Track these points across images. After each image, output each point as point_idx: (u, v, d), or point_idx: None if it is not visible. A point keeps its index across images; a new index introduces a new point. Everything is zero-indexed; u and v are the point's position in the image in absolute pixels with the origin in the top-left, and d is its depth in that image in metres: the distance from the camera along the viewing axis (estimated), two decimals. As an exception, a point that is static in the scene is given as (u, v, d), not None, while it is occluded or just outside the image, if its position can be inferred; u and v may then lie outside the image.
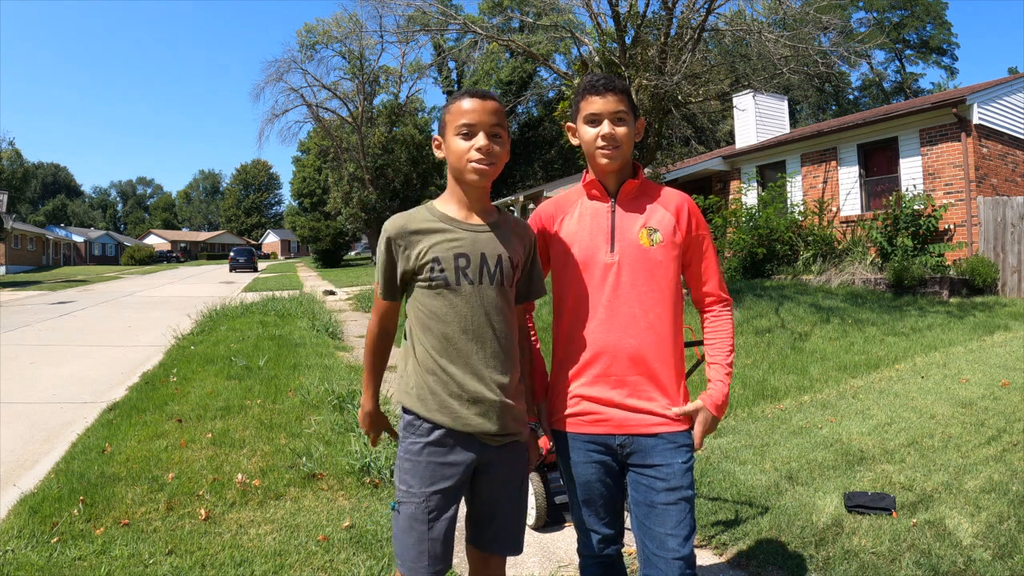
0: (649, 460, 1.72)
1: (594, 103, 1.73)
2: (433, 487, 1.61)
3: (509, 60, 39.97)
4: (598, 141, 1.74)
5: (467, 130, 1.61)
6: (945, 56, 48.30)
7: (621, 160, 1.76)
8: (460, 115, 1.61)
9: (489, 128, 1.61)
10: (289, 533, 3.00)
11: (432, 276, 1.60)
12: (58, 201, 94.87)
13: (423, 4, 13.01)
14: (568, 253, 1.81)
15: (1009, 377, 5.35)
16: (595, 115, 1.74)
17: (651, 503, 1.71)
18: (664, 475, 1.70)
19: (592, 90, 1.74)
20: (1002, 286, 10.61)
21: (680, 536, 1.67)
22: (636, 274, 1.75)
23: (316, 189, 51.14)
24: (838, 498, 3.22)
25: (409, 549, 1.60)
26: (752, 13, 12.13)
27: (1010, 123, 12.12)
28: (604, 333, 1.75)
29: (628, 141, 1.75)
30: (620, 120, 1.73)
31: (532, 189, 29.62)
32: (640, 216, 1.78)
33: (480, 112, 1.60)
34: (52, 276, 32.40)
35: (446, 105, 1.67)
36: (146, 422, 4.73)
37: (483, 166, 1.61)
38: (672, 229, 1.77)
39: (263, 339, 8.32)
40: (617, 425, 1.74)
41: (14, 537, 2.92)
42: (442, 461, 1.62)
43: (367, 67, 32.93)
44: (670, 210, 1.79)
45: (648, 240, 1.76)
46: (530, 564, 2.84)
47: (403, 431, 1.68)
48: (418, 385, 1.64)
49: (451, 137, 1.63)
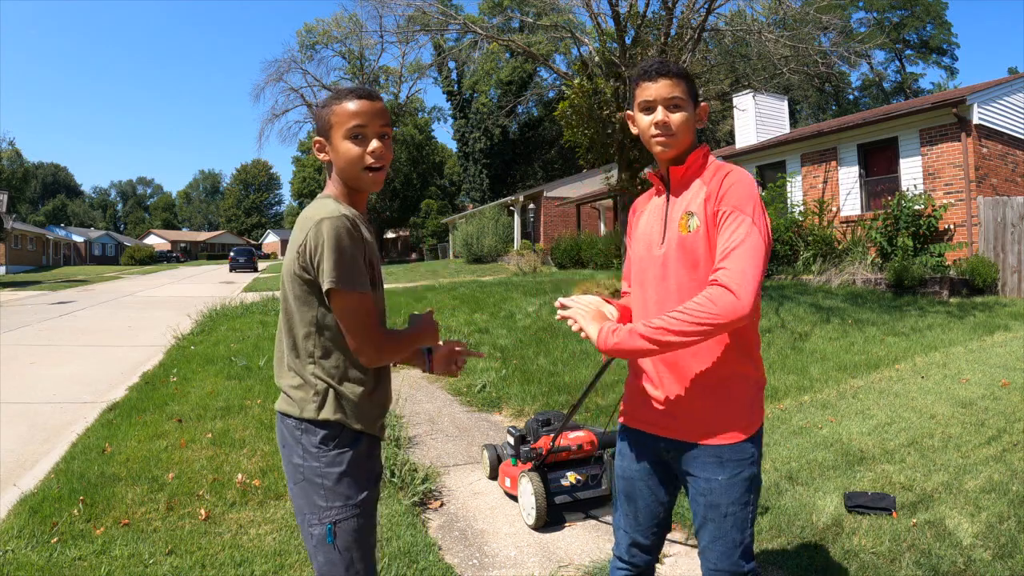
0: (691, 470, 1.65)
1: (647, 89, 1.63)
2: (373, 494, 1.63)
3: (509, 60, 39.98)
4: (652, 129, 1.64)
5: (359, 132, 1.52)
6: (945, 56, 48.34)
7: (678, 147, 1.65)
8: (349, 117, 1.51)
9: (380, 129, 1.54)
10: (289, 533, 3.00)
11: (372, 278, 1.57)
12: (58, 201, 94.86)
13: (423, 4, 13.02)
14: (634, 248, 1.79)
15: (1009, 377, 5.35)
16: (649, 102, 1.63)
17: (695, 512, 1.67)
18: (703, 490, 1.62)
19: (645, 76, 1.64)
20: (1002, 286, 10.61)
21: (716, 551, 1.64)
22: (679, 267, 1.62)
23: (316, 189, 51.15)
24: (838, 498, 3.21)
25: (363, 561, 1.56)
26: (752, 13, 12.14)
27: (1010, 123, 12.12)
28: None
29: (685, 127, 1.63)
30: (675, 106, 1.62)
31: (532, 189, 29.63)
32: (685, 202, 1.64)
33: (371, 114, 1.53)
34: (52, 276, 32.40)
35: (328, 104, 1.56)
36: (146, 422, 4.73)
37: (377, 171, 1.55)
38: (704, 209, 1.58)
39: (263, 339, 8.32)
40: (662, 428, 1.69)
41: (14, 537, 2.92)
42: (372, 468, 1.63)
43: (367, 67, 32.97)
44: (708, 186, 1.60)
45: (686, 227, 1.61)
46: (530, 564, 2.84)
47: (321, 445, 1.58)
48: (332, 394, 1.61)
49: (340, 140, 1.53)
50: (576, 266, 19.78)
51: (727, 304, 1.42)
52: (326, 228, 1.44)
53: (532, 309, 9.71)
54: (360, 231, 1.50)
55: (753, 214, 1.51)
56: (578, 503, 3.33)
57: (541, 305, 10.03)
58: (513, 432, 3.60)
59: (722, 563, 1.63)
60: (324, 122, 1.55)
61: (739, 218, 1.50)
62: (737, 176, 1.58)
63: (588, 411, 4.82)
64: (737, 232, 1.49)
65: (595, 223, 25.38)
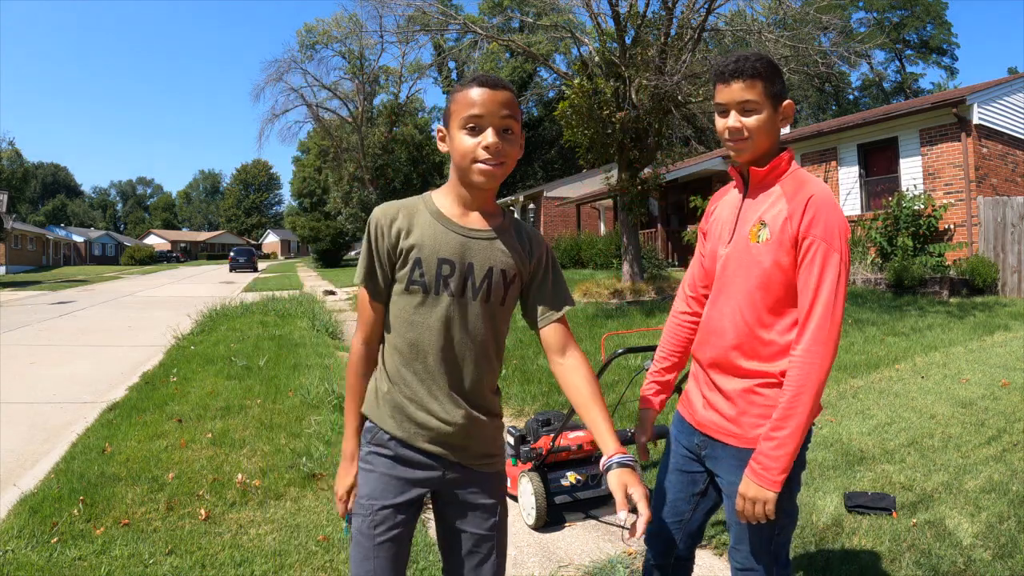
0: (718, 470, 1.65)
1: (720, 92, 1.59)
2: (383, 500, 1.46)
3: (509, 60, 40.01)
4: (724, 134, 1.61)
5: (474, 124, 1.38)
6: (945, 56, 48.35)
7: (752, 151, 1.61)
8: (467, 106, 1.38)
9: (500, 122, 1.39)
10: (289, 533, 3.00)
11: (411, 279, 1.43)
12: (58, 201, 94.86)
13: (423, 4, 13.02)
14: (709, 242, 1.78)
15: (1009, 377, 5.35)
16: (722, 105, 1.60)
17: (727, 512, 1.67)
18: (729, 492, 1.62)
19: (719, 78, 1.59)
20: (1002, 286, 10.60)
21: (742, 551, 1.64)
22: (738, 272, 1.61)
23: (316, 189, 51.20)
24: (838, 498, 3.21)
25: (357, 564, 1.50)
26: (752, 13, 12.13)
27: (1010, 123, 12.11)
28: (704, 328, 1.72)
29: (761, 130, 1.57)
30: (749, 110, 1.56)
31: (532, 189, 29.63)
32: (760, 208, 1.61)
33: (490, 103, 1.37)
34: (52, 276, 32.40)
35: (452, 93, 1.45)
36: (146, 422, 4.73)
37: (490, 167, 1.39)
38: (782, 227, 1.53)
39: (263, 339, 8.32)
40: (698, 422, 1.70)
41: (14, 537, 2.92)
42: (397, 475, 1.47)
43: (367, 67, 32.93)
44: (790, 203, 1.55)
45: (755, 237, 1.58)
46: (530, 564, 2.84)
47: (362, 436, 1.55)
48: (378, 390, 1.50)
49: (456, 131, 1.41)
50: (576, 266, 19.78)
51: (823, 363, 1.46)
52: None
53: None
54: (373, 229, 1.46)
55: (840, 246, 1.49)
56: (578, 503, 3.33)
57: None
58: (513, 432, 3.60)
59: (748, 562, 1.64)
60: (446, 110, 1.46)
61: (818, 250, 1.48)
62: (823, 198, 1.53)
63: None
64: (813, 264, 1.48)
65: (595, 223, 25.38)
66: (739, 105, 1.56)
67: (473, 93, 1.38)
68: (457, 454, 1.47)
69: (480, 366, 1.47)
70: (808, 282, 1.49)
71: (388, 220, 1.45)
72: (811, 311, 1.48)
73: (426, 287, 1.43)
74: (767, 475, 1.48)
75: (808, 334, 1.47)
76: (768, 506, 1.49)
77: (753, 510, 1.51)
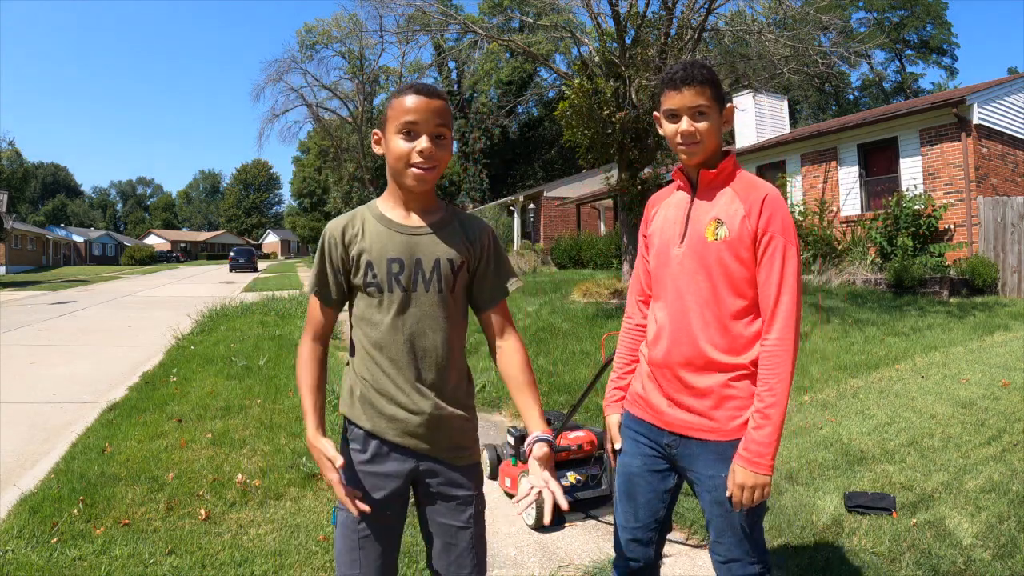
0: (695, 466, 1.67)
1: (672, 98, 1.64)
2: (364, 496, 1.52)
3: (509, 60, 40.00)
4: (677, 138, 1.67)
5: (410, 129, 1.48)
6: (945, 56, 48.34)
7: (703, 154, 1.67)
8: (404, 112, 1.47)
9: (434, 129, 1.48)
10: (289, 533, 3.00)
11: (367, 281, 1.53)
12: (58, 201, 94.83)
13: (423, 4, 13.02)
14: (654, 245, 1.80)
15: (1009, 377, 5.35)
16: (673, 111, 1.66)
17: (703, 509, 1.71)
18: (708, 487, 1.66)
19: (670, 84, 1.65)
20: (1002, 286, 10.60)
21: (724, 543, 1.66)
22: (698, 270, 1.65)
23: (316, 189, 51.14)
24: (838, 498, 3.21)
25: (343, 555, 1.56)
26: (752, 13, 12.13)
27: (1010, 123, 12.11)
28: (666, 328, 1.72)
29: (711, 134, 1.65)
30: (700, 115, 1.63)
31: (532, 189, 29.63)
32: (714, 208, 1.66)
33: (425, 111, 1.47)
34: (52, 276, 32.40)
35: (389, 99, 1.54)
36: (146, 422, 4.73)
37: (422, 170, 1.49)
38: (740, 223, 1.60)
39: (263, 339, 8.32)
40: (666, 422, 1.71)
41: (14, 537, 2.92)
42: (374, 470, 1.54)
43: (367, 67, 32.91)
44: (745, 203, 1.62)
45: (712, 234, 1.64)
46: (530, 564, 2.84)
47: (342, 436, 1.63)
48: (352, 390, 1.58)
49: (392, 135, 1.50)
50: (576, 266, 19.77)
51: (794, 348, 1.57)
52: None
53: (532, 309, 9.70)
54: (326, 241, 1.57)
55: (795, 240, 1.61)
56: (578, 503, 3.33)
57: (541, 305, 10.03)
58: (513, 432, 3.60)
59: (731, 553, 1.66)
60: (382, 115, 1.56)
61: (777, 244, 1.58)
62: (775, 197, 1.62)
63: (588, 411, 4.82)
64: (774, 258, 1.58)
65: (595, 223, 25.37)
66: (691, 110, 1.63)
67: (409, 101, 1.47)
68: (428, 446, 1.54)
69: (442, 356, 1.55)
70: (771, 275, 1.58)
71: (340, 231, 1.56)
72: (778, 301, 1.57)
73: (380, 286, 1.53)
74: (762, 460, 1.54)
75: (778, 322, 1.56)
76: (766, 490, 1.56)
77: (752, 496, 1.56)
